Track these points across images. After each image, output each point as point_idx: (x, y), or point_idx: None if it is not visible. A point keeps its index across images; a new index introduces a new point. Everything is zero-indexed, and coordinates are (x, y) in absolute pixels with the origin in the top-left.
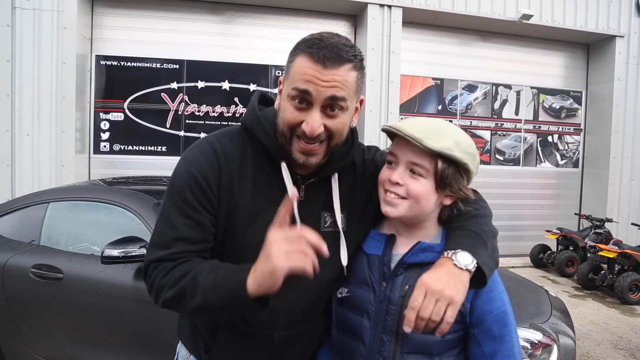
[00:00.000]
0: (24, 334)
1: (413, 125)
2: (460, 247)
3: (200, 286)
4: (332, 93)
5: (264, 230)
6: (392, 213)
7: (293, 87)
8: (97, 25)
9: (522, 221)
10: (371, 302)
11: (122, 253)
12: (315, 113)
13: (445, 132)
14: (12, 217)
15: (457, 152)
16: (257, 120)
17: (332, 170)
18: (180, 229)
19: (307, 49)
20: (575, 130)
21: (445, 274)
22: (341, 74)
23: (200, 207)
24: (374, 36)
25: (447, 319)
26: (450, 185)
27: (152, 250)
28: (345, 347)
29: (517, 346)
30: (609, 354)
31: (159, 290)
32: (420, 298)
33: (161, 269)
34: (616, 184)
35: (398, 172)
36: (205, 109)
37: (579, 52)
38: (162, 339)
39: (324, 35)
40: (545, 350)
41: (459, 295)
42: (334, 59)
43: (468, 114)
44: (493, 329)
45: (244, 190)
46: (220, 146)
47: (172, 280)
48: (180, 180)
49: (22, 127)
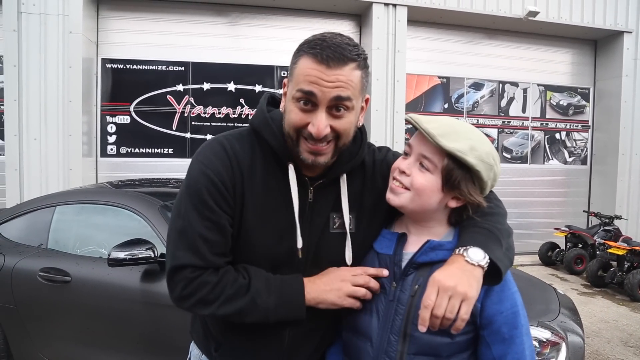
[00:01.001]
0: (32, 336)
1: (432, 121)
2: (472, 244)
3: (260, 308)
4: (337, 93)
5: (273, 231)
6: (393, 201)
7: (297, 88)
8: (103, 28)
9: (531, 219)
10: (381, 301)
11: (128, 255)
12: (321, 114)
13: (463, 134)
14: (20, 221)
15: (470, 157)
16: (265, 121)
17: (341, 171)
18: (202, 230)
19: (310, 50)
20: (583, 127)
21: (457, 270)
22: (345, 74)
23: (219, 208)
24: (379, 35)
25: (462, 316)
26: (459, 188)
27: (177, 254)
28: (354, 347)
29: (529, 349)
30: (619, 352)
31: (203, 303)
32: (433, 296)
33: (200, 283)
34: (625, 181)
35: (408, 162)
36: (211, 110)
37: (586, 48)
38: (169, 340)
39: (327, 36)
40: (553, 349)
41: (472, 290)
42: (337, 59)
43: (475, 112)
44: (503, 331)
45: (255, 191)
46: (231, 147)
47: (224, 298)
48: (196, 183)
49: (30, 132)
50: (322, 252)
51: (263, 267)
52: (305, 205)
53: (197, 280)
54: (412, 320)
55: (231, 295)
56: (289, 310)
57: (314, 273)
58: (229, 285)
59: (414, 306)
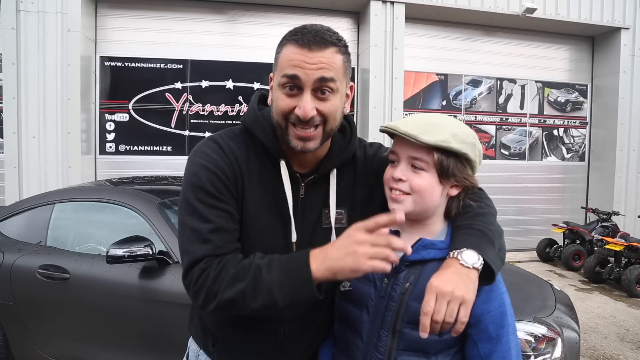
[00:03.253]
0: (31, 333)
1: (408, 122)
2: (466, 246)
3: (263, 287)
4: (320, 75)
5: (268, 227)
6: (399, 210)
7: (282, 74)
8: (101, 26)
9: (529, 215)
10: (372, 297)
11: (127, 252)
12: (306, 96)
13: (440, 125)
14: (19, 219)
15: (455, 143)
16: (257, 119)
17: (331, 166)
18: (214, 221)
19: (292, 37)
20: (581, 123)
21: (453, 275)
22: (327, 56)
23: (224, 196)
24: (377, 32)
25: (462, 319)
26: (454, 175)
27: (192, 248)
28: (344, 340)
29: (515, 348)
30: (616, 347)
31: (211, 295)
32: (432, 302)
33: (209, 272)
34: (623, 177)
35: (400, 169)
36: (210, 108)
37: (584, 44)
38: (168, 337)
39: (307, 25)
40: (549, 344)
41: (469, 293)
42: (318, 42)
43: (473, 108)
44: (490, 330)
45: (252, 187)
46: (226, 144)
47: (226, 281)
48: (198, 177)
49: (29, 130)
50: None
51: None
52: (298, 201)
53: (207, 270)
54: (402, 317)
55: (233, 275)
56: (295, 286)
57: None
58: (232, 266)
59: (404, 303)
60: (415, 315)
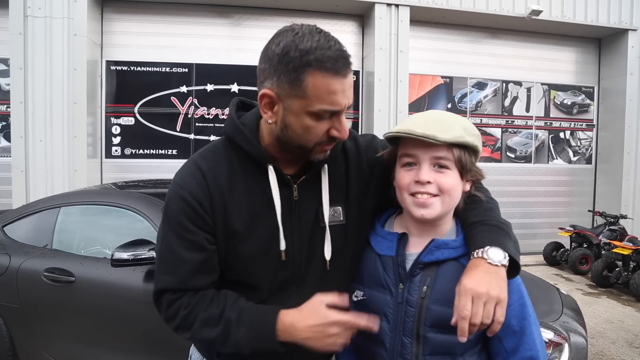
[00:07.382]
0: (37, 336)
1: (419, 124)
2: (489, 244)
3: (231, 340)
4: (350, 99)
5: (263, 236)
6: (428, 215)
7: (321, 108)
8: (107, 31)
9: (535, 219)
10: (389, 305)
11: (131, 256)
12: (342, 117)
13: (449, 121)
14: (26, 222)
15: (468, 137)
16: (237, 127)
17: (322, 163)
18: (181, 253)
19: (322, 64)
20: (588, 126)
21: (484, 274)
22: (350, 76)
23: (197, 228)
24: (382, 36)
25: (499, 319)
26: (470, 170)
27: (160, 278)
28: (366, 352)
29: (539, 338)
30: (624, 353)
31: (182, 329)
32: (468, 305)
33: (179, 307)
34: (630, 180)
35: (425, 171)
36: (215, 111)
37: (590, 46)
38: (172, 340)
39: (323, 44)
40: (556, 349)
41: (503, 292)
42: (347, 65)
43: (478, 111)
44: (513, 323)
45: (237, 201)
46: (206, 164)
47: (197, 325)
48: (173, 205)
49: (35, 133)
50: (316, 247)
51: (261, 273)
52: (292, 204)
53: (177, 303)
54: (424, 322)
55: (204, 321)
56: (261, 344)
57: (312, 271)
58: (202, 311)
59: (425, 307)
60: (439, 319)
